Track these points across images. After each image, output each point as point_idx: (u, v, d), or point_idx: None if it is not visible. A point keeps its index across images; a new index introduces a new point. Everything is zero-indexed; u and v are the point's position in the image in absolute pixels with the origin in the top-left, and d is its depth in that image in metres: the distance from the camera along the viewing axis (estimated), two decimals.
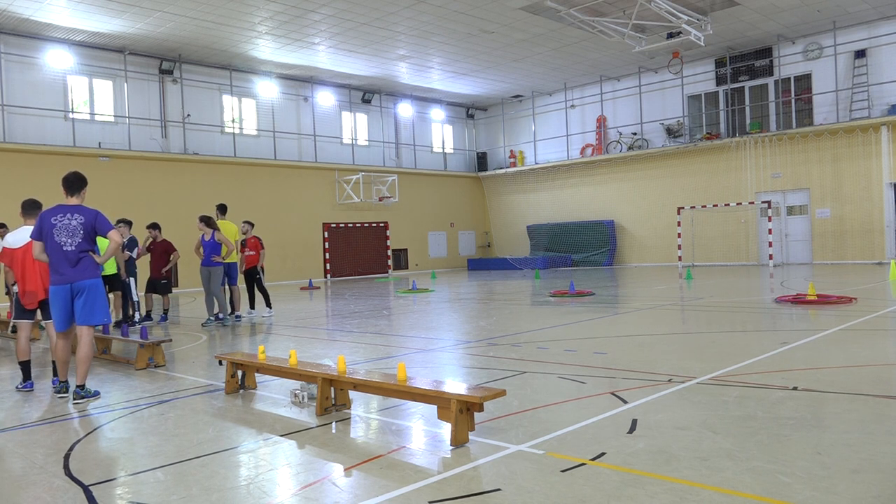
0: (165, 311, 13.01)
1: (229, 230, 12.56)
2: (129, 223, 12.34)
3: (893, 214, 21.46)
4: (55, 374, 6.90)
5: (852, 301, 11.16)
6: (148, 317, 12.90)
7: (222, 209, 12.95)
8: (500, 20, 19.98)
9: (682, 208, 23.62)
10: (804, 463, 3.73)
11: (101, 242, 11.52)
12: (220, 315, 11.87)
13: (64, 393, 6.25)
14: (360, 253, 27.51)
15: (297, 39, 21.00)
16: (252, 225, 13.34)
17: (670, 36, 20.06)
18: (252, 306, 13.22)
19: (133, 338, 8.24)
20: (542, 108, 30.51)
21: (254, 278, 13.14)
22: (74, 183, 6.22)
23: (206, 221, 11.75)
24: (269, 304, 13.15)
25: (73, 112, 20.39)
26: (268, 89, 24.98)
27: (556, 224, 29.24)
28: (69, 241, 6.04)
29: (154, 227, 12.88)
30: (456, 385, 4.77)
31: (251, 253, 13.03)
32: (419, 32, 20.72)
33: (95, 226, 6.18)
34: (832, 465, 3.67)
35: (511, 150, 31.83)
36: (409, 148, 30.24)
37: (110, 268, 11.36)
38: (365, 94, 27.80)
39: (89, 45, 20.51)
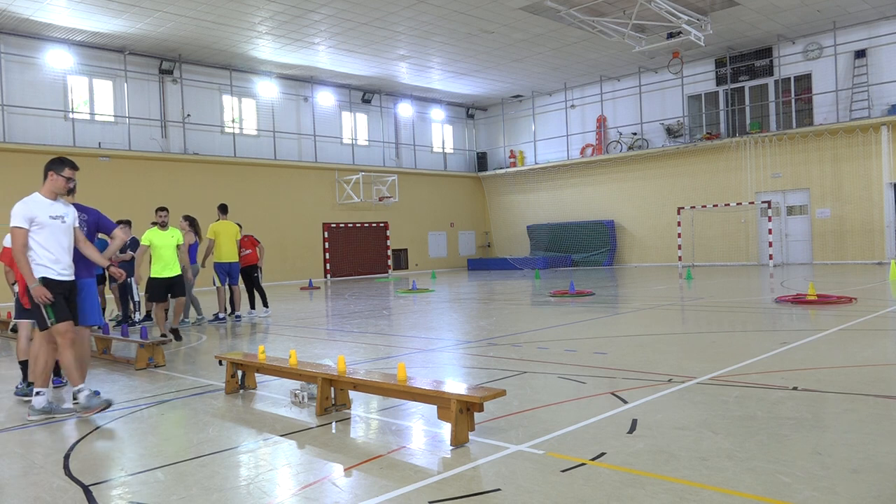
0: (165, 311, 13.00)
1: (230, 230, 12.59)
2: (128, 223, 12.37)
3: (893, 214, 21.46)
4: (55, 374, 6.90)
5: (852, 301, 11.16)
6: (148, 317, 12.90)
7: (223, 209, 12.96)
8: (500, 20, 19.98)
9: (682, 208, 23.62)
10: (804, 463, 3.73)
11: (177, 237, 10.10)
12: (186, 319, 12.19)
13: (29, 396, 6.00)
14: (360, 253, 27.50)
15: (297, 39, 21.00)
16: (240, 226, 13.36)
17: (670, 36, 20.07)
18: (252, 306, 13.25)
19: (133, 338, 8.24)
20: (542, 108, 30.51)
21: (251, 277, 13.21)
22: None
23: (190, 221, 12.15)
24: (266, 304, 13.18)
25: (73, 112, 20.39)
26: (268, 89, 24.98)
27: (556, 224, 29.24)
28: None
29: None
30: (456, 385, 4.77)
31: (247, 252, 13.10)
32: (419, 32, 20.72)
33: (99, 224, 6.18)
34: (832, 465, 3.67)
35: (511, 150, 31.83)
36: (409, 148, 30.24)
37: (173, 269, 9.90)
38: (365, 94, 27.80)
39: (89, 45, 20.51)
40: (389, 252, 28.21)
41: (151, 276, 9.84)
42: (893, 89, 21.49)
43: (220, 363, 6.76)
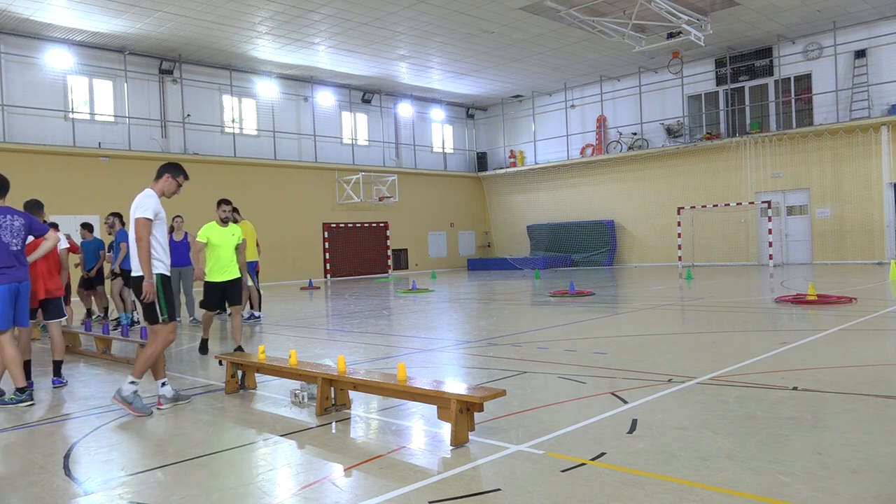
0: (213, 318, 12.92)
1: (248, 230, 12.54)
2: (118, 216, 12.24)
3: (893, 214, 21.46)
4: (55, 374, 6.91)
5: (852, 301, 11.16)
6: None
7: (237, 211, 12.93)
8: (500, 20, 19.98)
9: (682, 208, 23.62)
10: (804, 463, 3.73)
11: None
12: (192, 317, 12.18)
13: (30, 401, 6.07)
14: (360, 253, 27.50)
15: (297, 39, 20.99)
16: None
17: (670, 36, 20.06)
18: (255, 307, 13.15)
19: (133, 338, 8.24)
20: (542, 108, 30.50)
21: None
22: (4, 186, 6.25)
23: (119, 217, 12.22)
24: (255, 306, 13.00)
25: (73, 112, 20.38)
26: (268, 89, 24.98)
27: (556, 224, 29.23)
28: (15, 241, 6.11)
29: None
30: (456, 385, 4.77)
31: None
32: (419, 32, 20.72)
33: (32, 227, 6.29)
34: (832, 465, 3.67)
35: (511, 150, 31.83)
36: (409, 148, 30.24)
37: (231, 272, 8.26)
38: (365, 94, 27.80)
39: (89, 45, 20.51)
40: (389, 252, 28.20)
41: (206, 279, 8.34)
42: (893, 89, 21.49)
43: (220, 363, 6.76)
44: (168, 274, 5.72)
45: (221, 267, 8.27)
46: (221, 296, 8.31)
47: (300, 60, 23.34)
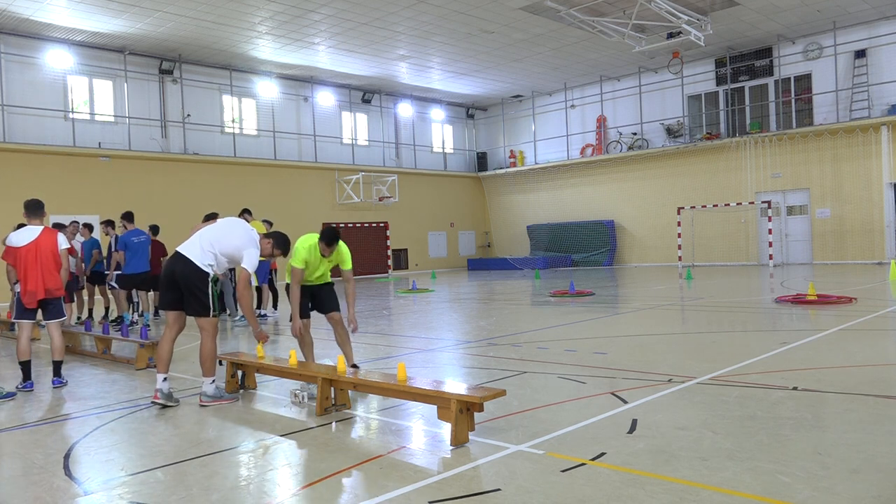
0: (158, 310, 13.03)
1: (259, 230, 12.56)
2: (130, 216, 12.17)
3: (893, 214, 21.46)
4: (55, 374, 6.91)
5: (852, 301, 11.16)
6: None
7: (249, 213, 12.96)
8: (500, 20, 19.98)
9: (682, 208, 23.61)
10: (804, 463, 3.73)
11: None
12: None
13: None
14: (359, 253, 27.43)
15: (297, 39, 20.99)
16: (270, 224, 13.37)
17: (670, 36, 20.07)
18: (265, 306, 13.16)
19: (133, 338, 8.24)
20: (542, 108, 30.50)
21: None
22: None
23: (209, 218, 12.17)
24: (264, 305, 13.14)
25: (73, 112, 20.38)
26: (268, 89, 24.97)
27: (556, 224, 29.23)
28: None
29: (150, 228, 13.04)
30: (456, 385, 4.78)
31: None
32: (419, 32, 20.72)
33: None
34: (832, 465, 3.67)
35: (511, 150, 31.82)
36: (409, 148, 30.23)
37: (323, 275, 6.87)
38: (365, 94, 27.79)
39: (89, 45, 20.50)
40: (389, 252, 28.19)
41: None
42: (893, 89, 21.48)
43: (220, 363, 6.76)
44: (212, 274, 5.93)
45: (309, 273, 6.79)
46: (311, 301, 6.96)
47: (300, 60, 23.33)
